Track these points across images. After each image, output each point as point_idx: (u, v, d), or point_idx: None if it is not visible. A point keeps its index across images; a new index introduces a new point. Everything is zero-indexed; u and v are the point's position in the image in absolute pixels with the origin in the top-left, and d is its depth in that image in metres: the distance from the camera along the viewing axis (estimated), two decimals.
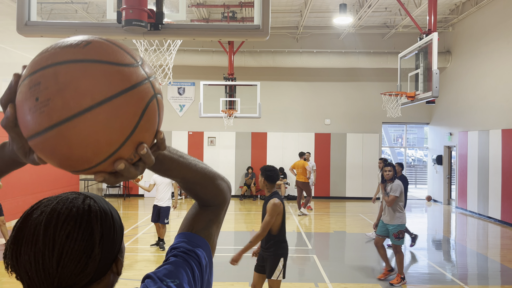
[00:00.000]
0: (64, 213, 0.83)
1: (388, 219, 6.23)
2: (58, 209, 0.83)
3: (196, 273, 0.93)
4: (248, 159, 15.72)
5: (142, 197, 15.46)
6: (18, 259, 0.81)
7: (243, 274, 6.60)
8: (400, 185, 6.11)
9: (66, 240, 0.81)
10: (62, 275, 0.80)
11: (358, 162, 15.73)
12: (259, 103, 12.19)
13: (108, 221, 0.87)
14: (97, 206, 0.87)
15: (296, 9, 13.47)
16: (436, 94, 6.77)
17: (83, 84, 0.67)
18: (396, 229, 6.12)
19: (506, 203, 11.05)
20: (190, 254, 0.95)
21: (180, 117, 15.84)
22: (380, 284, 6.18)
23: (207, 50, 14.70)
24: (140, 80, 0.73)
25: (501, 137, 11.25)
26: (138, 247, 8.37)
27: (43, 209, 0.83)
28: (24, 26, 2.45)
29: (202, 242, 0.99)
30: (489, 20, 12.09)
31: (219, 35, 2.71)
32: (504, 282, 6.57)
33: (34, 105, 0.68)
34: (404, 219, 6.20)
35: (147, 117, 0.73)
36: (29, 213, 0.84)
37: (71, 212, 0.83)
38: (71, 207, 0.84)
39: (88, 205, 0.86)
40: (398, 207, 6.18)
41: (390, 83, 14.79)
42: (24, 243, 0.81)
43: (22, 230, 0.82)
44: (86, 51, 0.71)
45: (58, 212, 0.82)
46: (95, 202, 0.87)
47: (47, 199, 0.87)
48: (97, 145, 0.69)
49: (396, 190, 6.07)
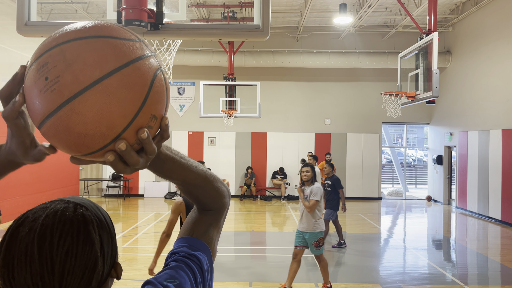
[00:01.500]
0: (58, 228, 0.76)
1: (305, 227, 5.58)
2: (49, 224, 0.76)
3: (198, 277, 0.90)
4: (248, 159, 15.72)
5: (142, 197, 15.46)
6: (12, 283, 0.74)
7: (243, 274, 6.60)
8: (321, 189, 5.57)
9: (66, 257, 0.75)
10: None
11: (358, 162, 15.73)
12: (259, 103, 12.19)
13: (105, 229, 0.82)
14: (91, 214, 0.81)
15: (296, 9, 13.47)
16: (436, 94, 6.77)
17: (91, 57, 0.68)
18: (316, 237, 5.54)
19: (506, 203, 11.05)
20: (191, 259, 0.91)
21: (180, 117, 15.83)
22: (380, 284, 6.18)
23: (207, 50, 14.70)
24: (145, 53, 0.74)
25: (501, 137, 11.25)
26: (138, 247, 8.37)
27: (30, 225, 0.76)
28: (24, 26, 2.44)
29: (203, 247, 0.96)
30: (489, 20, 12.08)
31: (219, 35, 2.71)
32: (504, 282, 6.57)
33: (44, 85, 0.68)
34: (322, 226, 5.64)
35: (156, 88, 0.73)
36: (15, 230, 0.77)
37: (65, 225, 0.76)
38: (64, 220, 0.77)
39: (81, 214, 0.79)
40: (317, 213, 5.57)
41: (390, 83, 14.79)
42: (16, 265, 0.74)
43: (10, 251, 0.75)
44: (89, 29, 0.72)
45: (50, 227, 0.75)
46: (88, 210, 0.81)
47: (32, 212, 0.79)
48: (111, 118, 0.68)
49: (317, 194, 5.48)
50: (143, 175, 15.58)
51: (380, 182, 15.90)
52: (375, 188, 15.78)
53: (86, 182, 15.31)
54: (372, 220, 11.64)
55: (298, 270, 5.75)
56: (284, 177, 15.41)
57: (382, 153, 17.29)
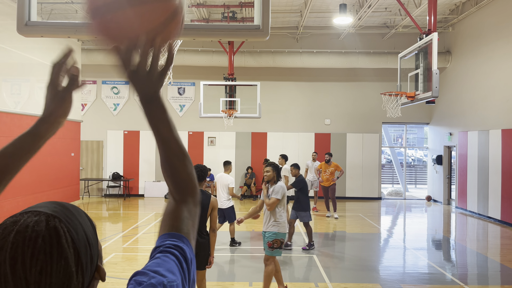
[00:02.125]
0: (30, 246, 0.73)
1: (265, 226, 5.49)
2: (19, 242, 0.73)
3: (184, 265, 0.90)
4: (248, 159, 15.73)
5: (142, 197, 15.47)
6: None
7: (243, 274, 6.60)
8: (283, 187, 5.47)
9: (40, 276, 0.72)
10: None
11: (358, 162, 15.74)
12: (259, 103, 12.19)
13: (82, 239, 0.79)
14: (64, 225, 0.78)
15: (296, 9, 13.47)
16: (436, 94, 6.77)
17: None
18: (271, 237, 5.35)
19: (506, 203, 11.06)
20: (175, 249, 0.91)
21: (180, 117, 15.84)
22: (380, 284, 6.19)
23: (207, 50, 14.71)
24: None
25: (501, 137, 11.25)
26: (138, 247, 8.37)
27: (1, 244, 0.73)
28: (24, 26, 2.45)
29: (184, 239, 0.96)
30: (489, 20, 12.09)
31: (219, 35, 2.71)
32: (504, 282, 6.58)
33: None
34: (282, 228, 5.40)
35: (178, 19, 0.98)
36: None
37: (37, 243, 0.73)
38: (35, 237, 0.74)
39: (54, 228, 0.76)
40: (277, 213, 5.43)
41: (390, 83, 14.79)
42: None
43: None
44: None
45: (21, 246, 0.73)
46: (61, 221, 0.78)
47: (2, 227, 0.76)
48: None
49: (278, 192, 5.40)
50: (143, 175, 15.59)
51: (380, 182, 15.91)
52: (375, 188, 15.79)
53: (86, 182, 15.31)
54: (372, 220, 11.65)
55: (279, 269, 5.58)
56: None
57: (382, 153, 17.30)
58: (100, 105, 15.84)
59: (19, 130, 4.91)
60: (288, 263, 7.25)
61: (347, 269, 7.00)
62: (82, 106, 15.52)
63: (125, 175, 15.59)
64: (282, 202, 5.45)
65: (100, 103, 15.85)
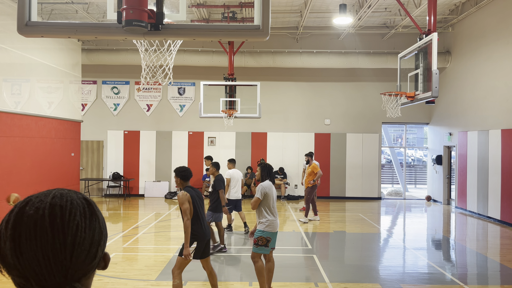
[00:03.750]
0: (67, 206, 0.84)
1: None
2: (58, 203, 0.84)
3: None
4: (248, 159, 15.74)
5: (142, 197, 15.47)
6: (20, 257, 0.78)
7: (243, 274, 6.61)
8: (262, 186, 5.43)
9: (76, 230, 0.82)
10: (75, 266, 0.81)
11: (358, 162, 15.74)
12: (259, 103, 12.20)
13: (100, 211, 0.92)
14: (88, 197, 0.92)
15: (296, 9, 13.48)
16: (436, 94, 6.78)
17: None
18: (257, 234, 5.43)
19: (505, 203, 11.06)
20: None
21: (180, 117, 15.85)
22: (380, 284, 6.19)
23: (207, 50, 14.72)
24: None
25: (501, 137, 11.26)
26: (139, 247, 8.38)
27: (37, 205, 0.83)
28: (25, 27, 2.46)
29: None
30: (489, 21, 12.09)
31: (219, 36, 2.72)
32: (503, 282, 6.58)
33: None
34: (268, 227, 5.38)
35: None
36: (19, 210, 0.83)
37: (73, 204, 0.86)
38: (70, 200, 0.86)
39: (83, 197, 0.90)
40: (262, 211, 5.45)
41: (390, 83, 14.81)
42: (24, 240, 0.79)
43: (16, 228, 0.80)
44: None
45: (59, 205, 0.84)
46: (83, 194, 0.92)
47: (35, 196, 0.87)
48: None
49: (258, 191, 5.42)
50: (143, 175, 15.60)
51: (379, 182, 15.91)
52: (375, 188, 15.80)
53: (87, 182, 15.32)
54: (371, 220, 11.65)
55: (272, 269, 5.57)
56: (284, 177, 15.43)
57: (382, 153, 17.31)
58: (100, 105, 15.85)
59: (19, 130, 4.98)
60: (288, 263, 7.26)
61: (347, 269, 7.00)
62: (82, 106, 15.52)
63: (125, 175, 15.60)
64: (266, 201, 5.42)
65: (100, 103, 15.86)
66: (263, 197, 5.42)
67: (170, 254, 7.61)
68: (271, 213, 5.46)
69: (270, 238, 5.42)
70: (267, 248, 5.42)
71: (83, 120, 15.23)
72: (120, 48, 14.69)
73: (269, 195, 5.44)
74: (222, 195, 7.89)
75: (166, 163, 15.52)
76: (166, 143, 15.73)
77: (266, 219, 5.41)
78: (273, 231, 5.44)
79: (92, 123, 15.61)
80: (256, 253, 5.41)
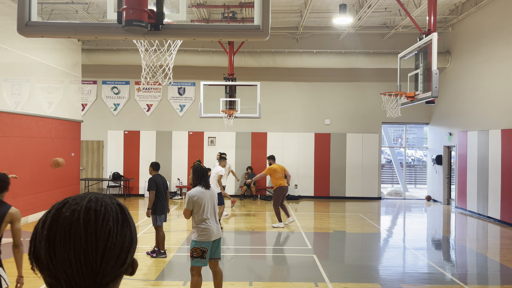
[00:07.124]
0: (102, 211, 0.86)
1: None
2: (92, 207, 0.86)
3: None
4: (248, 159, 15.74)
5: (142, 197, 15.47)
6: (53, 258, 0.81)
7: (243, 274, 6.61)
8: (189, 196, 4.95)
9: (108, 235, 0.84)
10: (104, 271, 0.83)
11: (358, 162, 15.75)
12: (259, 103, 12.20)
13: (132, 218, 0.93)
14: (122, 203, 0.94)
15: (296, 9, 13.48)
16: (436, 94, 6.78)
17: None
18: (191, 245, 4.94)
19: (505, 203, 11.06)
20: None
21: (181, 117, 15.85)
22: (380, 284, 6.19)
23: (207, 50, 14.72)
24: None
25: (501, 137, 11.26)
26: (139, 247, 8.37)
27: (73, 208, 0.85)
28: (25, 27, 2.46)
29: None
30: (489, 21, 12.09)
31: (219, 36, 2.72)
32: (503, 282, 6.58)
33: None
34: (201, 236, 4.89)
35: None
36: (56, 212, 0.85)
37: (107, 209, 0.87)
38: (105, 205, 0.88)
39: (117, 203, 0.92)
40: (194, 220, 5.00)
41: (390, 83, 14.81)
42: (58, 242, 0.81)
43: (52, 229, 0.83)
44: None
45: (94, 210, 0.86)
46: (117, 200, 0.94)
47: (72, 198, 0.89)
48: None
49: (186, 201, 5.02)
50: (143, 175, 15.59)
51: (379, 182, 15.92)
52: (375, 188, 15.80)
53: (87, 182, 15.32)
54: (371, 220, 11.66)
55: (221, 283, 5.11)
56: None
57: (382, 153, 17.31)
58: (100, 105, 15.85)
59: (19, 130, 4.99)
60: (288, 263, 7.26)
61: (347, 269, 7.00)
62: (82, 106, 15.52)
63: (125, 175, 15.60)
64: (197, 210, 4.93)
65: (100, 103, 15.86)
66: (192, 206, 4.95)
67: (170, 254, 7.61)
68: (205, 221, 4.93)
69: (205, 249, 4.87)
70: (204, 260, 4.86)
71: (83, 120, 15.22)
72: (120, 48, 14.69)
73: (199, 203, 4.93)
74: (151, 196, 7.29)
75: (166, 163, 15.51)
76: (166, 143, 15.73)
77: (199, 228, 4.91)
78: (208, 240, 4.89)
79: (92, 123, 15.61)
80: (194, 266, 4.88)
